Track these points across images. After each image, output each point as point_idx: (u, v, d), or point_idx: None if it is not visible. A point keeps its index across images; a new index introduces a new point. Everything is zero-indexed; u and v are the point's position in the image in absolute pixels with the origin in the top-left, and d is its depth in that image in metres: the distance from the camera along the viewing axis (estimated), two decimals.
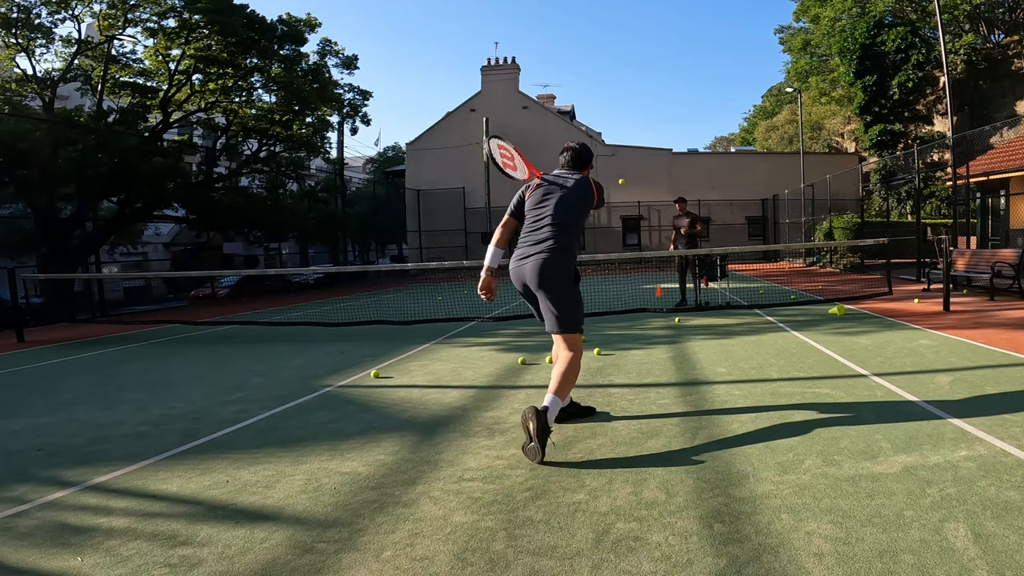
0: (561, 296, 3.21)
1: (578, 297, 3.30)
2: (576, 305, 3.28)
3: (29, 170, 13.46)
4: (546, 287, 3.20)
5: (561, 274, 3.20)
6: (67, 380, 5.88)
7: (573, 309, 3.26)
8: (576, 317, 3.27)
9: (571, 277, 3.25)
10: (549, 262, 3.18)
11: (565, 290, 3.22)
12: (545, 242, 3.23)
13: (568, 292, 3.23)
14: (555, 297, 3.21)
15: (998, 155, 14.56)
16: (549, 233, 3.25)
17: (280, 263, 24.73)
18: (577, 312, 3.28)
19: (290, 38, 18.39)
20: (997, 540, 1.98)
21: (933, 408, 3.49)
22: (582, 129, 31.89)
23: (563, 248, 3.23)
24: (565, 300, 3.23)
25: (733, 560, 1.95)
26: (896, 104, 21.73)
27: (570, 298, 3.25)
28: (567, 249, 3.24)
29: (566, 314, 3.23)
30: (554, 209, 3.27)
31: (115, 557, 2.17)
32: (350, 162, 37.72)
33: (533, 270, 3.20)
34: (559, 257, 3.20)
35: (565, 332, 3.24)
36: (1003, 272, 8.90)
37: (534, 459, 2.92)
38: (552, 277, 3.19)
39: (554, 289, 3.20)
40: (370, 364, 5.83)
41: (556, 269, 3.19)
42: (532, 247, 3.27)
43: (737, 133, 58.49)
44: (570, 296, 3.25)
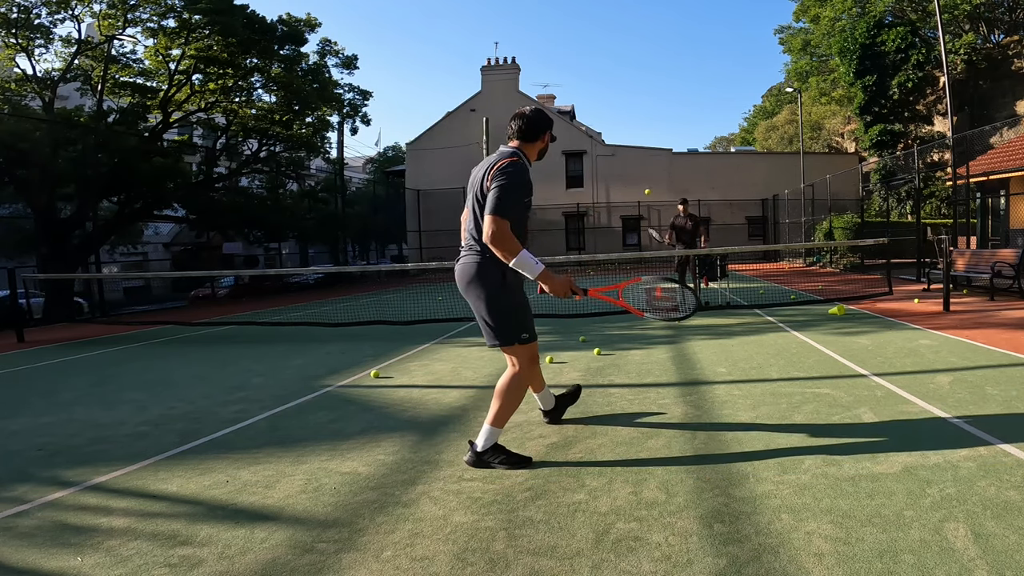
0: (484, 304, 2.82)
1: (508, 304, 2.83)
2: (504, 314, 2.82)
3: (29, 170, 13.46)
4: (468, 296, 2.87)
5: (477, 281, 2.80)
6: (67, 380, 5.88)
7: (500, 318, 2.82)
8: (506, 327, 2.83)
9: (493, 282, 2.79)
10: (464, 268, 2.84)
11: (489, 297, 2.80)
12: (467, 245, 2.88)
13: (492, 299, 2.80)
14: (479, 305, 2.84)
15: (998, 155, 14.56)
16: (468, 231, 2.87)
17: (280, 263, 24.73)
18: (506, 321, 2.83)
19: (290, 38, 18.39)
20: (997, 540, 1.98)
21: (933, 408, 3.49)
22: (582, 129, 31.88)
23: (479, 252, 2.80)
24: (489, 308, 2.81)
25: (733, 560, 1.95)
26: (896, 104, 21.73)
27: (495, 306, 2.81)
28: (484, 252, 2.77)
29: (494, 324, 2.83)
30: (471, 200, 2.84)
31: (115, 557, 2.17)
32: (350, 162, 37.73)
33: (457, 277, 2.88)
34: (472, 262, 2.81)
35: (501, 345, 2.86)
36: (1003, 272, 8.90)
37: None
38: (470, 283, 2.82)
39: (476, 296, 2.83)
40: (370, 364, 5.83)
41: (471, 275, 2.81)
42: (462, 251, 2.92)
43: (737, 133, 58.51)
44: (497, 304, 2.81)
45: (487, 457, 2.87)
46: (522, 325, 2.87)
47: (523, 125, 2.90)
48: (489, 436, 2.88)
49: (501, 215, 2.62)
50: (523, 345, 2.86)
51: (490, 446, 2.88)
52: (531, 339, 2.89)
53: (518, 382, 2.88)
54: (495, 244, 2.64)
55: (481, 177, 2.79)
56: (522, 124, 2.90)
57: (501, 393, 2.87)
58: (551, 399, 3.51)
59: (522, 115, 2.93)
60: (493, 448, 2.89)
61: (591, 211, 28.95)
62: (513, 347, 2.86)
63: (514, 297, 2.87)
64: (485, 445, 2.88)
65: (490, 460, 2.87)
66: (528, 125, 2.90)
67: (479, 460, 2.88)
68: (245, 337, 8.64)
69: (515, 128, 2.92)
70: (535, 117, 2.93)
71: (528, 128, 2.90)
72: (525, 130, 2.90)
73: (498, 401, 2.87)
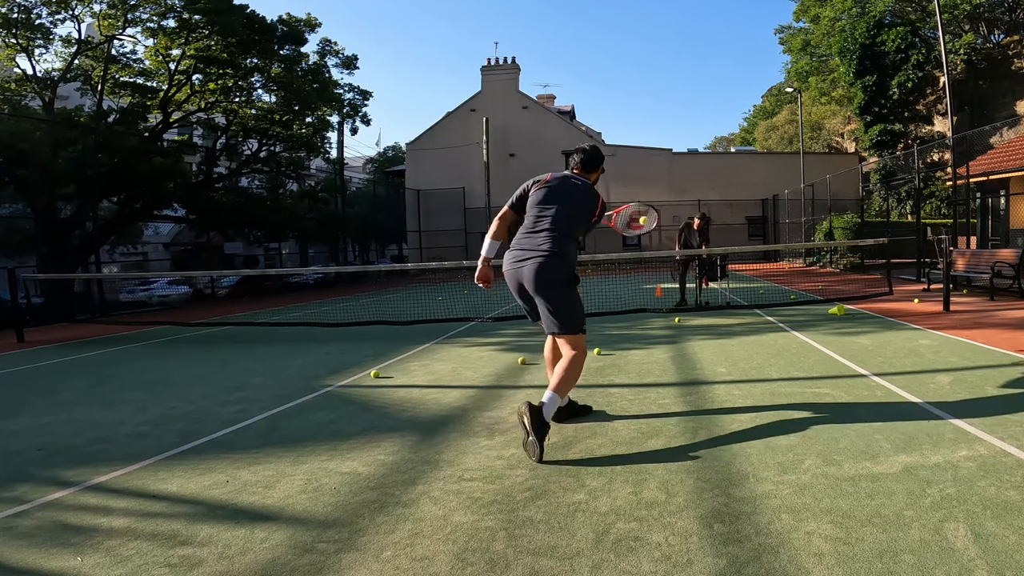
0: (560, 300, 3.20)
1: (577, 299, 3.29)
2: (575, 307, 3.26)
3: (29, 170, 13.45)
4: (544, 292, 3.19)
5: (559, 280, 3.19)
6: (67, 380, 5.88)
7: (572, 311, 3.24)
8: (576, 318, 3.26)
9: (569, 281, 3.24)
10: (547, 268, 3.16)
11: (563, 294, 3.21)
12: (543, 246, 3.20)
13: (566, 295, 3.22)
14: (554, 301, 3.20)
15: (998, 155, 14.56)
16: (548, 237, 3.21)
17: (280, 263, 24.73)
18: (577, 314, 3.27)
19: (290, 38, 18.39)
20: (997, 540, 1.98)
21: (933, 408, 3.49)
22: (582, 129, 31.89)
23: (562, 254, 3.20)
24: (564, 303, 3.21)
25: (733, 560, 1.95)
26: (896, 104, 21.73)
27: (569, 301, 3.23)
28: (565, 255, 3.21)
29: (566, 317, 3.22)
30: (557, 214, 3.25)
31: (115, 557, 2.17)
32: (350, 162, 37.71)
33: (530, 274, 3.18)
34: (557, 264, 3.18)
35: (567, 333, 3.24)
36: (1003, 272, 8.90)
37: (532, 455, 2.91)
38: (550, 283, 3.18)
39: (552, 294, 3.19)
40: (370, 364, 5.83)
41: (554, 275, 3.18)
42: (530, 250, 3.23)
43: (737, 133, 58.50)
44: (569, 299, 3.23)
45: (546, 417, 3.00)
46: (584, 317, 3.34)
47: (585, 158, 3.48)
48: (553, 405, 3.06)
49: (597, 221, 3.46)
50: (584, 333, 3.30)
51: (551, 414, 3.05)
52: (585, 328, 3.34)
53: (578, 362, 3.20)
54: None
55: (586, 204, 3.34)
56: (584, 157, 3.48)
57: (565, 370, 3.14)
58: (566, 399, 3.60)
59: (584, 150, 3.50)
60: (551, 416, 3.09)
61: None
62: (576, 335, 3.24)
63: (578, 295, 3.33)
64: (549, 410, 3.03)
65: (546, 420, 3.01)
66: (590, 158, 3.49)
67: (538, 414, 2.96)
68: (245, 337, 8.64)
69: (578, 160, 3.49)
70: (594, 152, 3.52)
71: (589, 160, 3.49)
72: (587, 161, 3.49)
73: (562, 375, 3.14)
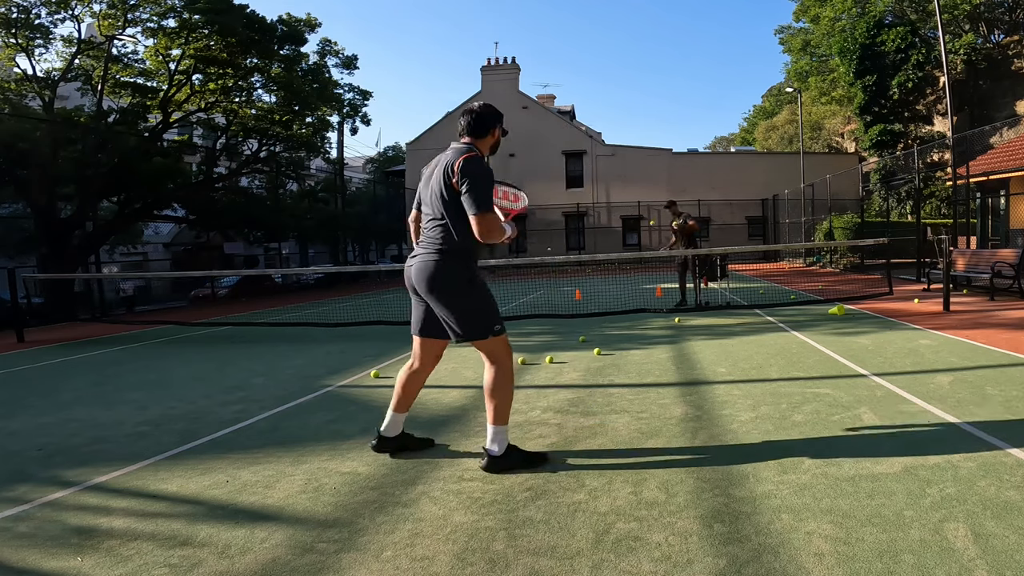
0: (453, 302, 2.76)
1: (478, 299, 2.81)
2: (477, 308, 2.79)
3: (29, 170, 13.46)
4: (433, 295, 2.77)
5: (445, 279, 2.74)
6: (67, 380, 5.88)
7: (474, 312, 2.78)
8: (482, 321, 2.78)
9: (460, 280, 2.76)
10: (428, 266, 2.76)
11: (456, 294, 2.75)
12: (428, 242, 2.81)
13: (461, 295, 2.76)
14: (447, 304, 2.77)
15: (998, 155, 14.56)
16: (429, 231, 2.81)
17: (280, 263, 24.73)
18: (482, 315, 2.79)
19: (290, 38, 18.39)
20: (997, 540, 1.98)
21: (933, 408, 3.49)
22: (582, 129, 31.89)
23: (442, 250, 2.75)
24: (459, 305, 2.77)
25: (733, 560, 1.95)
26: (896, 104, 21.72)
27: (468, 303, 2.77)
28: (448, 250, 2.74)
29: (467, 320, 2.77)
30: (429, 201, 2.82)
31: (115, 557, 2.17)
32: (350, 162, 37.69)
33: (416, 276, 2.80)
34: (440, 260, 2.74)
35: (476, 339, 2.79)
36: (1003, 272, 8.90)
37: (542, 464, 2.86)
38: (435, 283, 2.75)
39: (444, 295, 2.76)
40: (370, 364, 5.83)
41: (438, 273, 2.74)
42: (419, 248, 2.86)
43: (737, 133, 58.47)
44: (465, 299, 2.77)
45: (507, 461, 2.81)
46: (494, 317, 2.83)
47: (472, 120, 2.87)
48: (501, 437, 2.82)
49: (487, 210, 2.62)
50: (498, 337, 2.81)
51: (505, 448, 2.82)
52: (503, 329, 2.84)
53: (503, 373, 2.81)
54: (490, 238, 2.64)
55: (443, 178, 2.72)
56: (471, 119, 2.87)
57: (492, 392, 2.80)
58: (399, 428, 3.14)
59: (471, 111, 2.90)
60: (509, 450, 2.84)
61: (591, 211, 28.96)
62: (489, 340, 2.80)
63: (483, 290, 2.84)
64: (501, 447, 2.81)
65: (511, 463, 2.81)
66: (478, 120, 2.87)
67: (496, 464, 2.80)
68: (245, 337, 8.64)
69: (465, 124, 2.88)
70: (484, 112, 2.90)
71: (478, 124, 2.87)
72: (475, 126, 2.87)
73: (492, 400, 2.80)
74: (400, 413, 3.11)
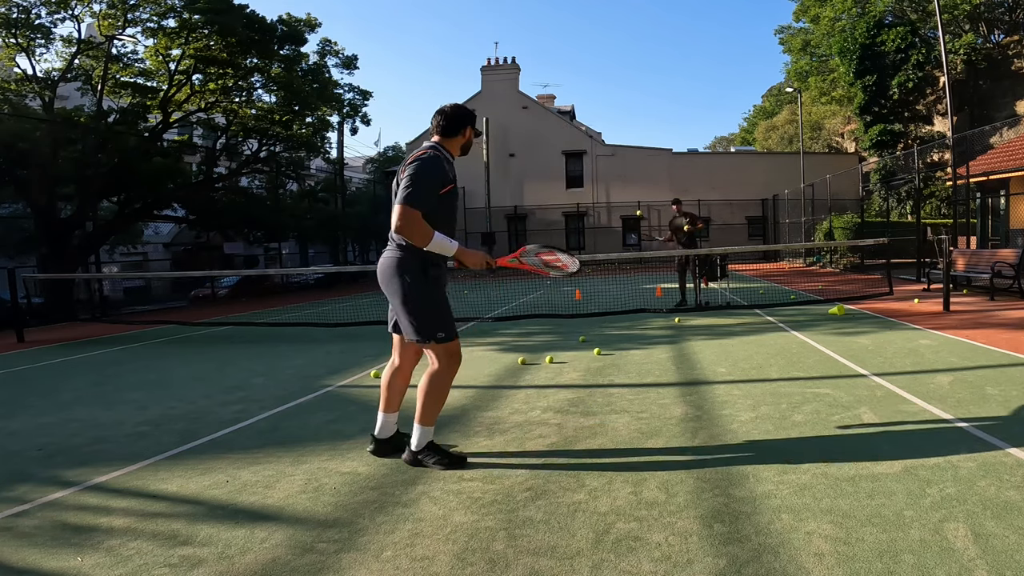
0: (401, 299, 2.82)
1: (425, 300, 2.82)
2: (421, 309, 2.81)
3: (29, 170, 13.46)
4: (388, 289, 2.87)
5: (397, 274, 2.81)
6: (67, 380, 5.88)
7: (418, 314, 2.81)
8: (424, 323, 2.81)
9: (411, 277, 2.80)
10: (385, 261, 2.87)
11: (405, 292, 2.81)
12: (390, 239, 2.89)
13: (409, 294, 2.80)
14: (397, 300, 2.85)
15: (998, 155, 14.56)
16: (391, 227, 2.81)
17: (280, 263, 24.72)
18: (424, 317, 2.81)
19: (290, 38, 18.38)
20: (997, 540, 1.98)
21: (933, 408, 3.49)
22: (582, 129, 31.89)
23: (399, 245, 2.82)
24: (406, 303, 2.82)
25: (733, 560, 1.95)
26: (896, 104, 21.73)
27: (413, 301, 2.81)
28: (404, 245, 2.81)
29: (415, 320, 2.82)
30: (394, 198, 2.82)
31: (115, 557, 2.17)
32: (350, 162, 37.64)
33: (378, 271, 2.92)
34: (394, 257, 2.83)
35: (420, 340, 2.85)
36: (1003, 272, 8.90)
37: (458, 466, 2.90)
38: (390, 278, 2.83)
39: (394, 291, 2.84)
40: (370, 364, 5.83)
41: (392, 270, 2.82)
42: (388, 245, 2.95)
43: (737, 133, 58.47)
44: (412, 298, 2.81)
45: (421, 456, 2.93)
46: (440, 323, 2.84)
47: (442, 121, 2.93)
48: (421, 435, 2.92)
49: (410, 204, 2.65)
50: (441, 344, 2.84)
51: (424, 445, 2.93)
52: (448, 338, 2.84)
53: (438, 380, 2.86)
54: (404, 232, 2.68)
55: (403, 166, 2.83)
56: (441, 120, 2.93)
57: (422, 392, 2.87)
58: (392, 429, 3.14)
59: (442, 111, 2.96)
60: (428, 447, 2.93)
61: (591, 211, 28.95)
62: (431, 344, 2.85)
63: (432, 294, 2.85)
64: (419, 445, 2.93)
65: (424, 459, 2.92)
66: (448, 121, 2.93)
67: (414, 459, 2.94)
68: (245, 337, 8.64)
69: (435, 124, 2.95)
70: (454, 113, 2.95)
71: (448, 124, 2.93)
72: (445, 126, 2.93)
73: (421, 400, 2.87)
74: (390, 413, 3.13)
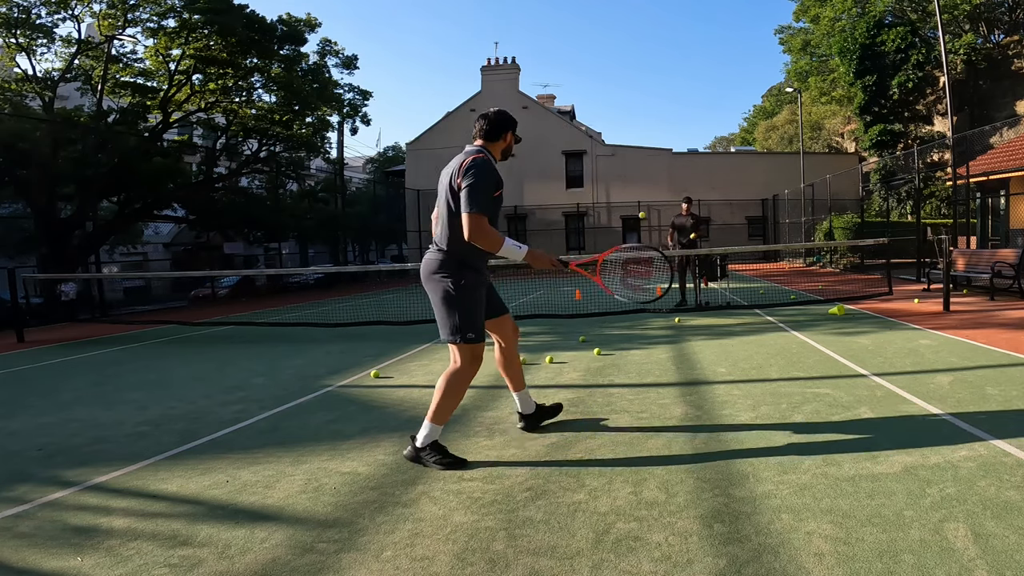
0: (438, 298, 2.91)
1: (459, 301, 2.88)
2: (454, 310, 2.88)
3: (29, 170, 13.46)
4: (428, 288, 2.95)
5: (437, 275, 2.90)
6: (67, 380, 5.88)
7: (450, 313, 2.89)
8: (458, 323, 2.88)
9: (449, 278, 2.88)
10: (428, 262, 2.95)
11: (443, 292, 2.88)
12: (433, 240, 2.99)
13: (446, 294, 2.88)
14: (434, 301, 2.94)
15: (998, 155, 14.56)
16: (435, 229, 2.97)
17: (280, 263, 24.72)
18: (455, 317, 2.88)
19: (290, 38, 18.39)
20: (997, 540, 1.98)
21: (933, 408, 3.49)
22: (582, 129, 31.88)
23: (442, 247, 2.91)
24: (443, 303, 2.90)
25: (733, 560, 1.95)
26: (896, 104, 21.72)
27: (448, 301, 2.88)
28: (447, 248, 2.89)
29: (445, 320, 2.90)
30: (439, 201, 2.95)
31: (115, 557, 2.17)
32: (350, 162, 37.71)
33: (421, 269, 3.00)
34: (436, 258, 2.92)
35: (447, 340, 2.93)
36: (1003, 272, 8.90)
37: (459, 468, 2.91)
38: (430, 277, 2.93)
39: (432, 290, 2.93)
40: (370, 364, 5.83)
41: (431, 270, 2.92)
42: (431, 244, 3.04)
43: (737, 133, 58.46)
44: (448, 299, 2.88)
45: (424, 454, 2.94)
46: (469, 324, 2.90)
47: (486, 125, 3.00)
48: (429, 433, 2.94)
49: (478, 211, 2.72)
50: (467, 344, 2.91)
51: (429, 443, 2.94)
52: (476, 340, 2.92)
53: (456, 379, 2.93)
54: (477, 239, 2.76)
55: (450, 178, 2.85)
56: (485, 124, 3.00)
57: (440, 389, 2.93)
58: (531, 403, 3.44)
59: (485, 116, 3.03)
60: (431, 446, 2.95)
61: (591, 211, 28.95)
62: (458, 344, 2.91)
63: (468, 296, 2.90)
64: (424, 442, 2.95)
65: (426, 458, 2.94)
66: (491, 125, 3.00)
67: (416, 455, 2.96)
68: (245, 337, 8.63)
69: (479, 128, 3.02)
70: (497, 118, 3.02)
71: (491, 128, 3.00)
72: (488, 130, 3.00)
73: (437, 397, 2.93)
74: (519, 391, 3.37)
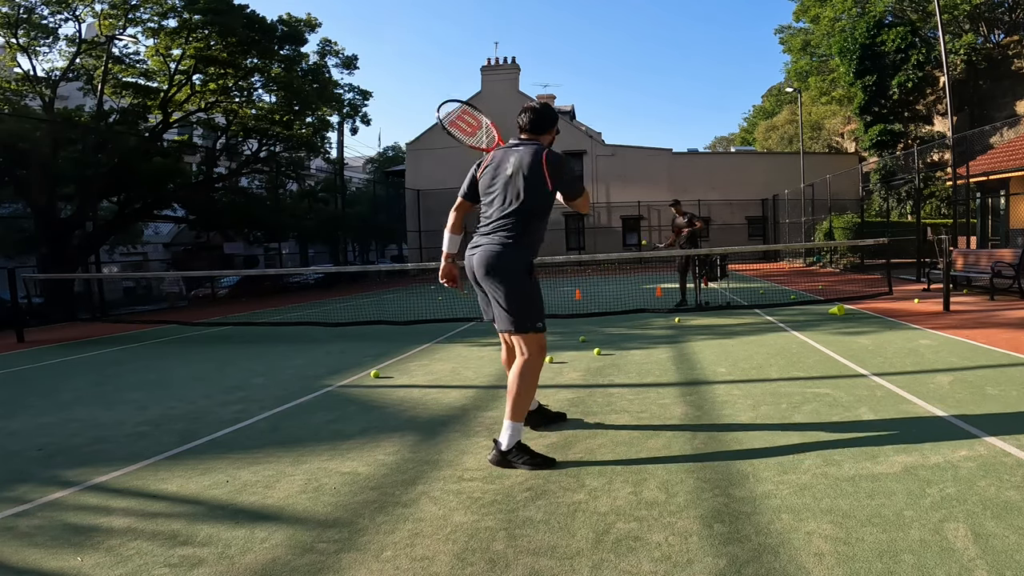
0: (508, 290, 2.86)
1: (530, 290, 2.90)
2: (527, 300, 2.88)
3: (29, 170, 13.45)
4: (491, 281, 2.88)
5: (507, 267, 2.85)
6: (67, 380, 5.88)
7: (524, 305, 2.87)
8: (529, 314, 2.88)
9: (520, 269, 2.87)
10: (494, 254, 2.86)
11: (512, 283, 2.85)
12: (494, 231, 2.91)
13: (517, 286, 2.86)
14: (502, 292, 2.87)
15: (998, 155, 14.57)
16: (497, 219, 2.90)
17: (280, 263, 24.71)
18: (528, 307, 2.88)
19: (290, 38, 18.38)
20: (997, 540, 1.98)
21: (933, 408, 3.49)
22: (582, 129, 31.88)
23: (511, 238, 2.86)
24: (513, 295, 2.86)
25: (733, 560, 1.95)
26: (896, 104, 21.73)
27: (520, 292, 2.86)
28: (517, 239, 2.86)
29: (516, 311, 2.87)
30: (501, 192, 2.91)
31: (115, 557, 2.17)
32: (350, 162, 37.70)
33: (479, 261, 2.89)
34: (505, 249, 2.85)
35: (518, 332, 2.89)
36: (1003, 272, 8.90)
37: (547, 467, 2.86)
38: (496, 270, 2.86)
39: (499, 283, 2.86)
40: (370, 364, 5.83)
41: (502, 261, 2.85)
42: (482, 236, 2.95)
43: (737, 133, 58.44)
44: (520, 290, 2.86)
45: (511, 457, 2.85)
46: (540, 313, 2.93)
47: (534, 117, 3.09)
48: (512, 433, 2.85)
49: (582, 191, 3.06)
50: (537, 333, 2.90)
51: (514, 444, 2.85)
52: (544, 328, 2.94)
53: (530, 369, 2.88)
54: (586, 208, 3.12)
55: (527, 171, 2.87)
56: (533, 116, 3.08)
57: (515, 383, 2.87)
58: (533, 403, 3.40)
59: (532, 108, 3.12)
60: (517, 447, 2.86)
61: (591, 211, 28.94)
62: (527, 334, 2.89)
63: (537, 286, 2.95)
64: (509, 443, 2.85)
65: (514, 460, 2.84)
66: (540, 118, 3.10)
67: (503, 459, 2.86)
68: (245, 337, 8.63)
69: (527, 121, 3.08)
70: (544, 111, 3.13)
71: (541, 121, 3.10)
72: (536, 121, 3.09)
73: (513, 392, 2.86)
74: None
